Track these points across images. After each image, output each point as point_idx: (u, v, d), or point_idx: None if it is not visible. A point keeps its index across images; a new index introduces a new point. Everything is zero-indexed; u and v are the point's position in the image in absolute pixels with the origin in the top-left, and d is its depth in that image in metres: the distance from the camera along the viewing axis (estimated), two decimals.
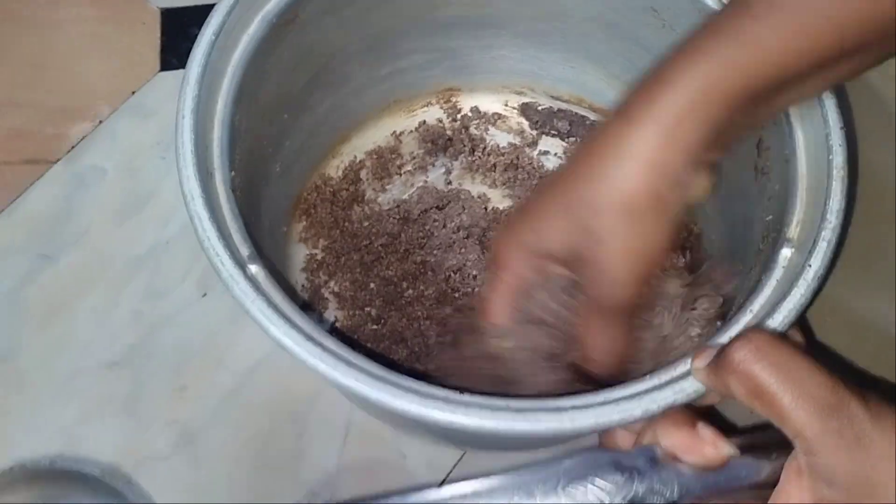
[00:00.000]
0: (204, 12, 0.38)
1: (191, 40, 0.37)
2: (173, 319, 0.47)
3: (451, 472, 0.43)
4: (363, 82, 0.49)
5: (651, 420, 0.31)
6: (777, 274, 0.35)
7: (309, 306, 0.46)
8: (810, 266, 0.33)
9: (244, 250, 0.34)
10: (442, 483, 0.42)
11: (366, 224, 0.48)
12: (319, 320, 0.45)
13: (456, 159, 0.52)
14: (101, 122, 0.53)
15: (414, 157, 0.52)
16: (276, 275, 0.37)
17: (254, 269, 0.34)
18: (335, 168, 0.51)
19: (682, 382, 0.31)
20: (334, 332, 0.43)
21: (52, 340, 0.46)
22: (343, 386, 0.31)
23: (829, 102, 0.37)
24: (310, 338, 0.32)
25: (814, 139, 0.37)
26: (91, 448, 0.44)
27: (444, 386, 0.32)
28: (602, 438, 0.34)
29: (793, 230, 0.36)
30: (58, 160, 0.52)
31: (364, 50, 0.48)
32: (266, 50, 0.40)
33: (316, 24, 0.43)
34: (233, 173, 0.36)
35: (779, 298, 0.34)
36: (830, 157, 0.36)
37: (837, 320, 0.45)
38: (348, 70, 0.48)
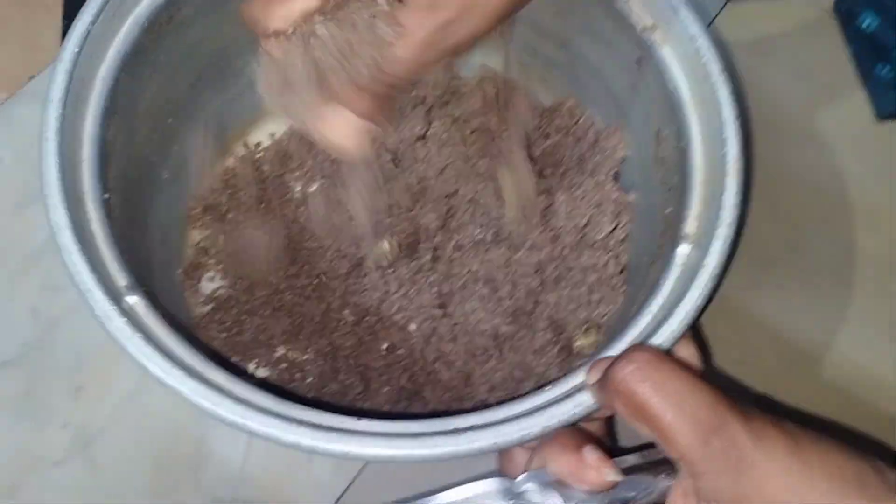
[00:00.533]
0: None
1: None
2: (71, 316, 0.45)
3: (357, 475, 0.42)
4: (255, 78, 0.47)
5: (539, 443, 0.31)
6: (675, 272, 0.34)
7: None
8: (706, 265, 0.33)
9: (121, 280, 0.32)
10: (344, 491, 0.42)
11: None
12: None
13: None
14: None
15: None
16: (165, 296, 0.36)
17: (132, 300, 0.32)
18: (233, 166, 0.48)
19: (581, 395, 0.31)
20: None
21: None
22: (229, 423, 0.29)
23: (723, 93, 0.36)
24: (193, 374, 0.30)
25: (709, 130, 0.37)
26: None
27: (339, 409, 0.31)
28: (501, 460, 0.34)
29: (690, 225, 0.35)
30: None
31: (254, 42, 0.45)
32: (141, 55, 0.38)
33: (197, 22, 0.41)
34: (107, 195, 0.34)
35: (677, 298, 0.33)
36: (724, 149, 0.35)
37: (730, 321, 0.46)
38: (240, 64, 0.46)
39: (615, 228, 0.43)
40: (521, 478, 0.30)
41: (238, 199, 0.46)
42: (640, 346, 0.31)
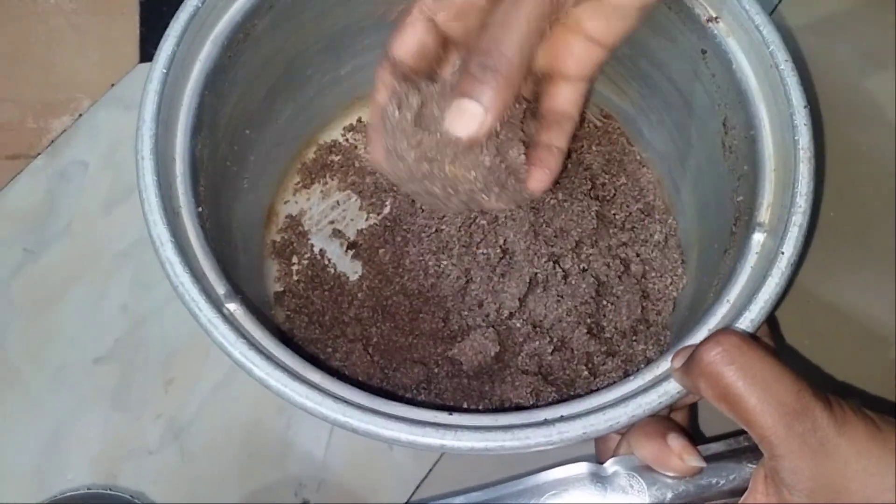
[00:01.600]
0: (183, 1, 0.38)
1: None
2: (160, 312, 0.47)
3: (436, 462, 0.44)
4: (324, 84, 0.49)
5: (627, 430, 0.32)
6: (751, 260, 0.35)
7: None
8: (783, 253, 0.34)
9: (220, 289, 0.34)
10: (425, 478, 0.43)
11: None
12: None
13: None
14: (81, 115, 0.53)
15: None
16: (254, 304, 0.38)
17: (231, 307, 0.34)
18: (303, 173, 0.50)
19: (666, 384, 0.32)
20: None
21: (40, 335, 0.47)
22: (331, 421, 0.31)
23: (792, 80, 0.36)
24: (294, 375, 0.32)
25: (778, 118, 0.37)
26: (79, 442, 0.44)
27: (432, 406, 0.33)
28: (597, 444, 0.35)
29: (764, 213, 0.36)
30: (39, 154, 0.51)
31: (322, 51, 0.47)
32: (221, 72, 0.39)
33: (270, 36, 0.42)
34: (199, 208, 0.36)
35: (754, 286, 0.34)
36: (796, 137, 0.36)
37: (801, 305, 0.46)
38: (308, 73, 0.47)
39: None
40: (608, 462, 0.31)
41: None
42: (727, 329, 0.32)
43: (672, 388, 0.32)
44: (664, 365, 0.33)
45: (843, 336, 0.46)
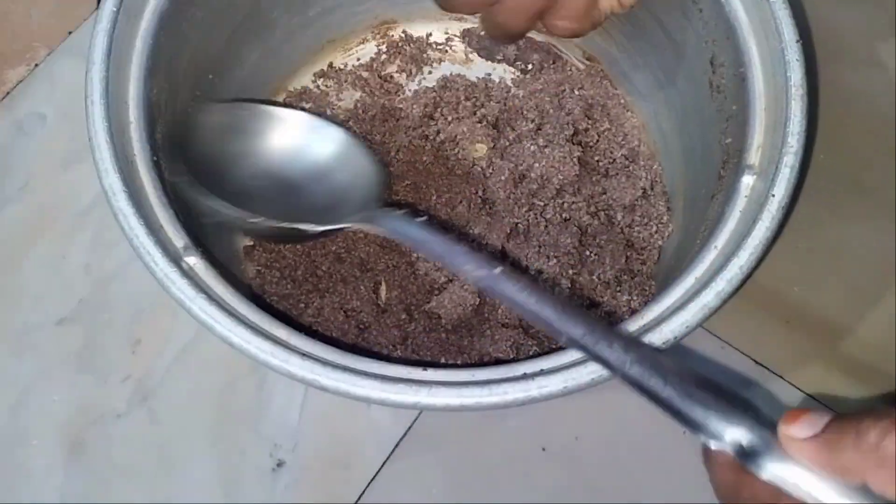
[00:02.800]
0: None
1: None
2: (124, 271, 0.45)
3: (415, 420, 0.42)
4: (292, 27, 0.46)
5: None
6: (740, 204, 0.33)
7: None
8: (774, 196, 0.32)
9: (178, 242, 0.32)
10: (403, 436, 0.41)
11: None
12: None
13: None
14: (37, 65, 0.50)
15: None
16: (219, 259, 0.36)
17: (191, 261, 0.32)
18: None
19: (650, 335, 0.30)
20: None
21: (0, 296, 0.45)
22: (298, 379, 0.29)
23: (783, 14, 0.35)
24: (258, 331, 0.30)
25: (769, 54, 0.35)
26: (44, 408, 0.43)
27: (405, 361, 0.31)
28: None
29: (753, 155, 0.34)
30: None
31: None
32: (178, 12, 0.37)
33: None
34: (155, 157, 0.34)
35: (743, 231, 0.32)
36: (788, 73, 0.34)
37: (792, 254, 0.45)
38: (274, 16, 0.45)
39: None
40: None
41: None
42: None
43: (656, 339, 0.30)
44: (648, 315, 0.31)
45: (835, 282, 0.45)
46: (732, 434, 0.25)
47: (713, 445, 0.25)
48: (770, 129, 0.34)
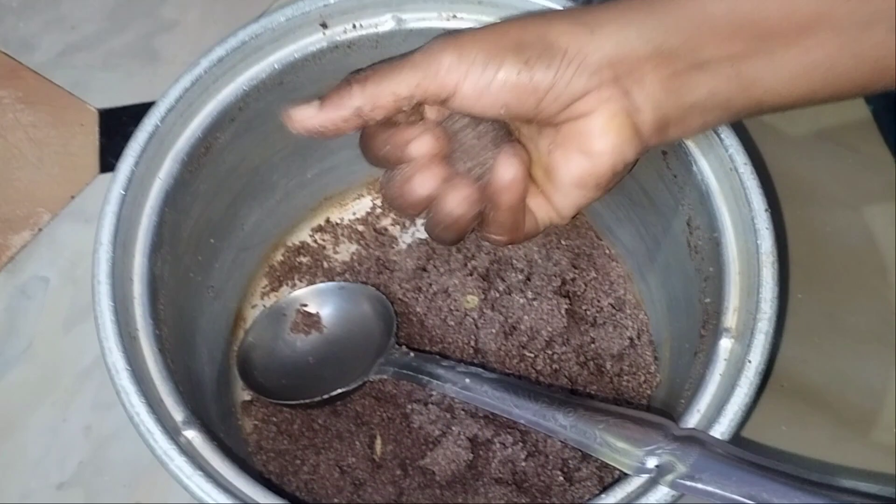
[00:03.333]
0: (143, 110, 0.38)
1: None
2: (124, 432, 0.46)
3: None
4: (291, 188, 0.49)
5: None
6: (720, 367, 0.35)
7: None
8: (750, 361, 0.33)
9: (177, 415, 0.33)
10: None
11: None
12: None
13: None
14: (40, 229, 0.52)
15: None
16: (216, 424, 0.37)
17: (189, 434, 0.33)
18: (271, 276, 0.50)
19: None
20: None
21: (1, 462, 0.45)
22: None
23: (751, 184, 0.37)
24: None
25: (740, 221, 0.37)
26: None
27: None
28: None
29: (730, 318, 0.36)
30: None
31: (288, 157, 0.47)
32: (182, 187, 0.39)
33: (232, 148, 0.42)
34: (158, 330, 0.35)
35: (724, 395, 0.33)
36: (758, 241, 0.36)
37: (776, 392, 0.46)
38: (274, 180, 0.47)
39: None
40: None
41: None
42: None
43: None
44: (635, 482, 0.32)
45: (820, 420, 0.45)
46: (651, 462, 0.32)
47: (639, 475, 0.32)
48: (745, 293, 0.36)
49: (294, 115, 0.34)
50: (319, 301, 0.47)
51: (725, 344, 0.35)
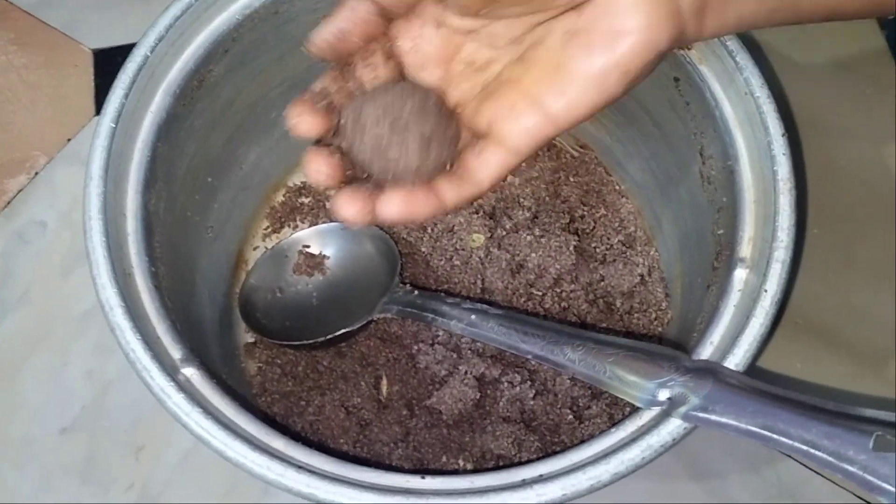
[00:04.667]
0: None
1: None
2: (126, 376, 0.45)
3: None
4: None
5: None
6: (734, 298, 0.33)
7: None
8: (766, 291, 0.32)
9: (175, 353, 0.32)
10: None
11: None
12: None
13: None
14: (37, 173, 0.51)
15: None
16: (217, 363, 0.36)
17: (188, 372, 0.32)
18: (272, 217, 0.49)
19: (649, 438, 0.30)
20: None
21: (2, 407, 0.45)
22: (294, 493, 0.29)
23: (768, 108, 0.35)
24: (254, 444, 0.30)
25: (756, 148, 0.35)
26: None
27: (405, 470, 0.31)
28: None
29: (745, 248, 0.34)
30: None
31: (286, 92, 0.45)
32: (175, 122, 0.38)
33: (226, 82, 0.41)
34: (153, 268, 0.34)
35: (738, 327, 0.32)
36: (775, 167, 0.34)
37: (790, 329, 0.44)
38: (272, 117, 0.46)
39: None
40: None
41: None
42: None
43: (655, 442, 0.30)
44: (646, 415, 0.31)
45: (835, 357, 0.44)
46: (663, 395, 0.31)
47: (651, 408, 0.31)
48: (760, 221, 0.34)
49: (312, 35, 0.30)
50: (322, 242, 0.46)
51: (740, 274, 0.34)
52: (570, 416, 0.40)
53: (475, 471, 0.33)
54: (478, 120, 0.30)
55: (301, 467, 0.30)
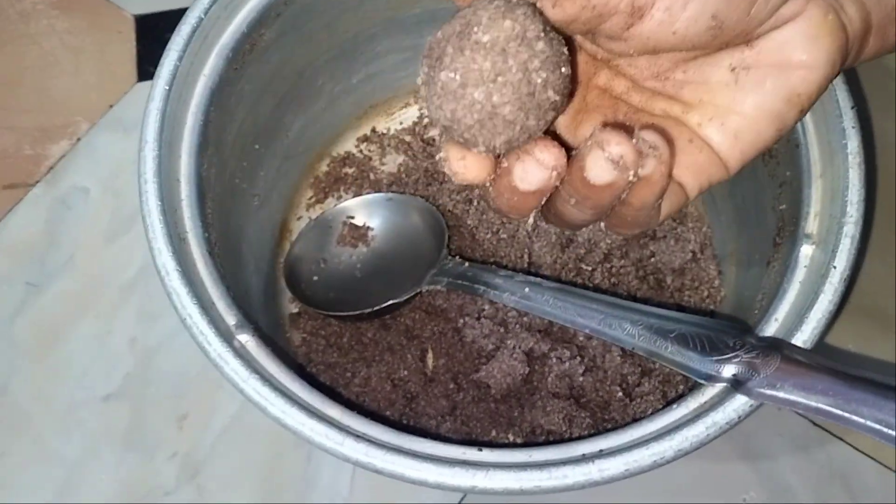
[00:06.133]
0: (181, 17, 0.36)
1: None
2: (169, 344, 0.45)
3: (463, 497, 0.41)
4: (336, 94, 0.47)
5: None
6: (799, 275, 0.33)
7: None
8: (835, 267, 0.31)
9: (230, 319, 0.32)
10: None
11: None
12: None
13: None
14: (79, 139, 0.51)
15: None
16: (267, 332, 0.35)
17: (243, 338, 0.32)
18: (316, 187, 0.48)
19: (714, 415, 0.29)
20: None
21: (47, 373, 0.45)
22: (353, 461, 0.29)
23: (837, 81, 0.34)
24: (311, 412, 0.30)
25: (824, 121, 0.34)
26: (92, 487, 0.42)
27: (461, 442, 0.30)
28: None
29: (811, 224, 0.33)
30: (37, 182, 0.49)
31: (333, 59, 0.45)
32: (227, 87, 0.37)
33: (277, 47, 0.40)
34: (206, 233, 0.34)
35: (804, 304, 0.32)
36: (844, 141, 0.33)
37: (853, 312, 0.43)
38: (319, 84, 0.45)
39: None
40: None
41: None
42: None
43: (721, 419, 0.29)
44: (709, 392, 0.30)
45: (889, 339, 0.43)
46: (727, 371, 0.30)
47: (714, 384, 0.30)
48: (827, 196, 0.33)
49: None
50: (367, 213, 0.45)
51: (806, 250, 0.33)
52: (620, 394, 0.40)
53: (527, 444, 0.33)
54: None
55: (359, 436, 0.29)
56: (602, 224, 0.29)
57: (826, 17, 0.25)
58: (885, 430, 0.27)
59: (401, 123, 0.50)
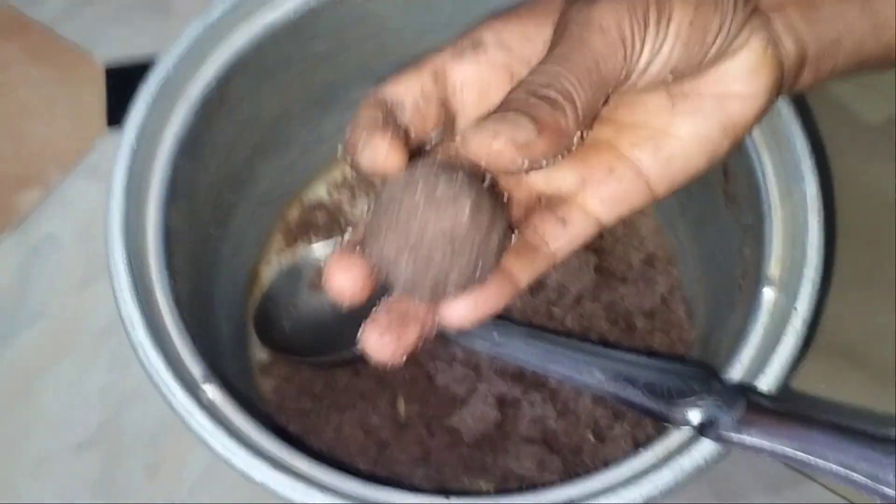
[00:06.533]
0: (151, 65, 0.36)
1: None
2: (143, 391, 0.45)
3: None
4: (309, 141, 0.47)
5: None
6: (763, 318, 0.33)
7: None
8: (796, 310, 0.32)
9: (196, 371, 0.32)
10: None
11: None
12: None
13: None
14: (51, 188, 0.51)
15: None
16: (235, 380, 0.35)
17: (209, 389, 0.32)
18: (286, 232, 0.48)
19: (681, 460, 0.29)
20: None
21: (19, 423, 0.44)
22: None
23: (795, 127, 0.35)
24: (278, 464, 0.30)
25: (782, 166, 0.35)
26: None
27: (430, 491, 0.30)
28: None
29: (773, 267, 0.34)
30: (9, 231, 0.49)
31: (307, 108, 0.45)
32: (198, 138, 0.37)
33: (249, 98, 0.40)
34: (174, 283, 0.34)
35: (768, 347, 0.32)
36: (802, 186, 0.34)
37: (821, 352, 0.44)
38: (292, 132, 0.45)
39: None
40: None
41: None
42: None
43: (687, 464, 0.29)
44: (676, 437, 0.31)
45: (859, 378, 0.44)
46: (693, 416, 0.30)
47: (681, 428, 0.31)
48: (788, 240, 0.34)
49: None
50: None
51: (768, 294, 0.33)
52: (592, 438, 0.40)
53: (498, 492, 0.33)
54: (557, 184, 0.28)
55: (326, 488, 0.29)
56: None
57: (766, 51, 0.26)
58: (850, 473, 0.27)
59: None
